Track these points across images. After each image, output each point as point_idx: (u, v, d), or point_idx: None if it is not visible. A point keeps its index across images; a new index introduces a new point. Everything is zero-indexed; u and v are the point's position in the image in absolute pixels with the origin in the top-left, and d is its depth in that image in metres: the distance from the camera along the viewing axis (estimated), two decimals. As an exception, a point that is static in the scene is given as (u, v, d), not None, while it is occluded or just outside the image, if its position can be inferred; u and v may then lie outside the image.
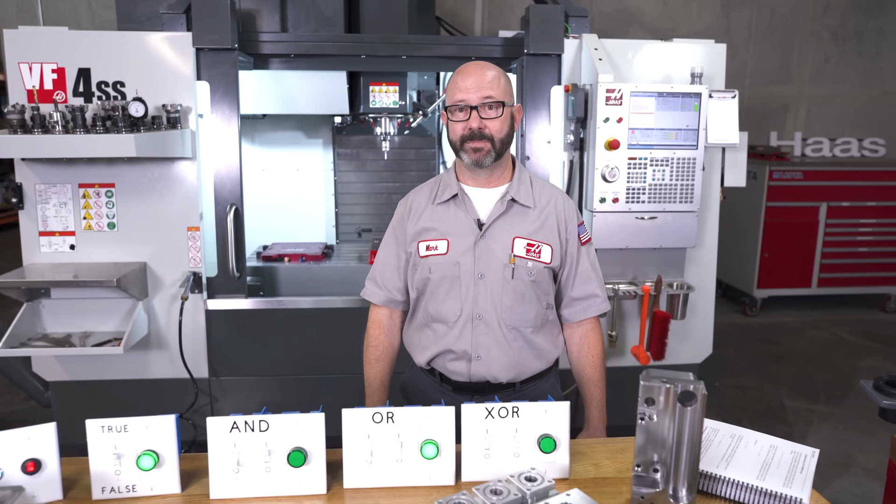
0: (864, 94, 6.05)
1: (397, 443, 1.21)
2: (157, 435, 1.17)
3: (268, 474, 1.18)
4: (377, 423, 1.20)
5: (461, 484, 1.24)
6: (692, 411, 1.06)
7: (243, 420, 1.16)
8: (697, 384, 1.09)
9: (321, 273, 3.18)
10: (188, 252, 2.79)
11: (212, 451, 1.16)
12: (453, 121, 1.63)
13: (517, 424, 1.23)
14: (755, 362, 4.58)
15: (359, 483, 1.22)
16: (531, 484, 1.05)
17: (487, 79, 1.60)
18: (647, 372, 1.14)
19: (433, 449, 1.19)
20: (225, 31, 2.69)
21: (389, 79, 3.28)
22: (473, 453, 1.24)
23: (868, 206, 5.54)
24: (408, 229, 1.73)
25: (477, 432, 1.24)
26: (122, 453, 1.14)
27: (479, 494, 1.02)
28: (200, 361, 2.86)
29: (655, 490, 1.10)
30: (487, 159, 1.61)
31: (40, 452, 1.04)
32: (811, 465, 1.25)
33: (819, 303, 5.80)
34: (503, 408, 1.23)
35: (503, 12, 5.53)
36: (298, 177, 3.88)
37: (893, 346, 4.89)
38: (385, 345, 1.81)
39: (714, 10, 5.71)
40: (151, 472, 1.15)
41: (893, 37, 5.96)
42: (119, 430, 1.14)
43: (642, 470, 1.13)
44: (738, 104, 2.82)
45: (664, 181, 2.77)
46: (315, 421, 1.19)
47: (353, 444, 1.20)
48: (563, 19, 2.86)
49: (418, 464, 1.22)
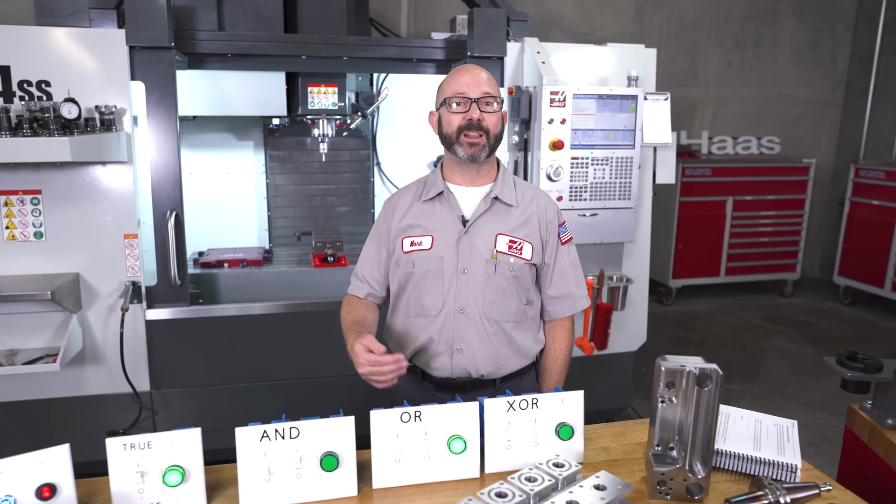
0: (762, 96, 6.56)
1: (424, 440, 1.24)
2: (183, 449, 1.14)
3: (299, 481, 1.17)
4: (405, 423, 1.22)
5: (485, 476, 1.28)
6: (708, 392, 1.15)
7: (273, 428, 1.15)
8: (712, 367, 1.17)
9: (263, 278, 3.10)
10: (126, 261, 2.65)
11: (241, 462, 1.14)
12: (451, 112, 1.65)
13: (536, 415, 1.28)
14: (675, 348, 4.87)
15: (388, 483, 1.24)
16: (560, 469, 1.11)
17: (484, 78, 1.67)
18: (661, 358, 1.21)
19: (461, 444, 1.23)
20: (161, 28, 2.57)
21: (328, 80, 3.24)
22: (496, 445, 1.28)
23: (768, 200, 6.03)
24: (391, 226, 1.76)
25: (499, 425, 1.28)
26: (146, 470, 1.10)
27: (515, 482, 1.06)
28: (141, 374, 2.73)
29: (674, 467, 1.19)
30: (482, 154, 1.66)
31: (55, 476, 0.98)
32: (794, 434, 1.38)
33: (726, 290, 6.25)
34: (524, 400, 1.28)
35: (429, 13, 5.57)
36: (229, 180, 3.76)
37: (793, 327, 5.35)
38: (363, 308, 1.81)
39: (628, 16, 6.00)
40: (178, 487, 1.11)
41: (786, 43, 6.50)
42: (142, 446, 1.09)
43: (662, 449, 1.21)
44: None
45: (604, 179, 2.92)
46: (345, 425, 1.20)
47: (382, 444, 1.22)
48: (504, 23, 2.94)
49: (445, 459, 1.25)
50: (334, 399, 3.02)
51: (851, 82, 6.71)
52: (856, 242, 5.85)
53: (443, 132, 1.70)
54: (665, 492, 1.20)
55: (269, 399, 2.97)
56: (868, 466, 1.39)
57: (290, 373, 3.00)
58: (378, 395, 3.14)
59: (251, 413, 2.93)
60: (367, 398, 3.30)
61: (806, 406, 3.90)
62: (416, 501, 1.20)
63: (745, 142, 6.49)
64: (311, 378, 3.02)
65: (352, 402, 3.27)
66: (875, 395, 1.44)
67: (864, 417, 1.46)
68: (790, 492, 1.13)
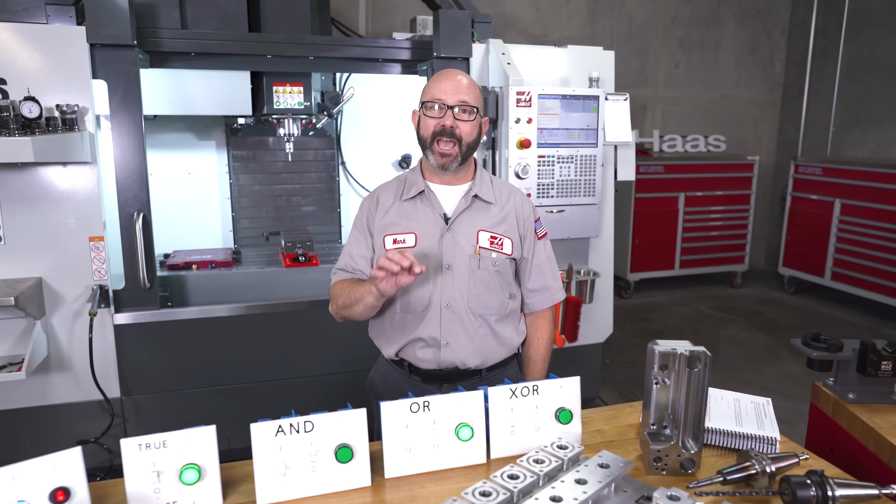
0: (707, 96, 6.83)
1: (433, 429, 1.27)
2: (198, 447, 1.14)
3: (314, 473, 1.18)
4: (414, 413, 1.24)
5: (491, 461, 1.32)
6: (698, 373, 1.22)
7: (288, 423, 1.16)
8: (700, 350, 1.25)
9: (234, 279, 3.07)
10: (91, 264, 2.58)
11: (257, 457, 1.14)
12: (427, 116, 1.68)
13: (537, 401, 1.33)
14: (636, 339, 5.03)
15: (400, 472, 1.27)
16: (564, 451, 1.15)
17: (464, 85, 1.68)
18: (654, 343, 1.28)
19: (469, 431, 1.26)
20: (123, 25, 2.52)
21: (293, 79, 3.23)
22: (501, 431, 1.33)
23: (716, 195, 6.28)
24: (375, 221, 1.77)
25: (503, 411, 1.32)
26: (162, 470, 1.09)
27: (525, 464, 1.10)
28: (111, 380, 2.66)
29: (669, 444, 1.26)
30: (453, 164, 1.69)
31: (68, 480, 0.96)
32: (770, 410, 1.48)
33: (681, 282, 6.48)
34: (525, 387, 1.33)
35: (386, 13, 5.59)
36: (191, 181, 3.69)
37: (744, 317, 5.59)
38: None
39: (581, 18, 6.16)
40: (194, 485, 1.10)
41: (728, 46, 6.79)
42: (157, 446, 1.08)
43: (656, 428, 1.28)
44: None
45: (570, 177, 3.00)
46: (358, 417, 1.22)
47: (393, 434, 1.24)
48: (470, 25, 2.99)
49: (453, 446, 1.29)
50: (310, 399, 3.03)
51: (788, 84, 7.06)
52: (797, 235, 6.16)
53: (419, 134, 1.73)
54: (661, 468, 1.27)
55: (244, 401, 2.94)
56: (833, 438, 1.49)
57: (264, 374, 2.97)
58: (358, 392, 3.17)
59: (225, 416, 2.91)
60: (346, 396, 3.30)
61: (760, 390, 4.08)
62: (428, 488, 1.23)
63: (693, 140, 6.74)
64: (286, 379, 3.01)
65: (330, 400, 3.27)
66: (837, 373, 1.55)
67: (828, 394, 1.57)
68: (774, 461, 1.21)
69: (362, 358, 3.11)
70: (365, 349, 3.09)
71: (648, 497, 1.07)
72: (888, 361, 1.43)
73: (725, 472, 1.19)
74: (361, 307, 1.66)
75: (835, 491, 1.12)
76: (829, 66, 6.53)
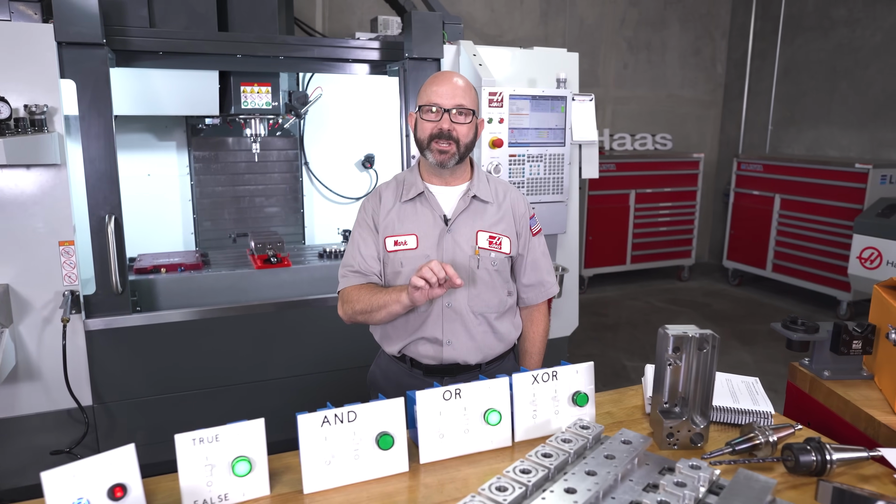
0: (654, 96, 7.10)
1: (464, 415, 1.33)
2: (249, 440, 1.17)
3: (356, 461, 1.23)
4: (447, 401, 1.30)
5: (516, 444, 1.40)
6: (705, 354, 1.32)
7: (333, 413, 1.20)
8: (709, 333, 1.35)
9: (205, 282, 3.03)
10: (61, 269, 2.51)
11: (304, 447, 1.18)
12: (425, 120, 1.72)
13: (556, 386, 1.42)
14: (593, 333, 5.21)
15: (434, 457, 1.33)
16: (587, 431, 1.23)
17: (461, 88, 1.73)
18: (664, 328, 1.38)
19: (497, 416, 1.33)
20: (92, 23, 2.46)
21: (261, 79, 3.21)
22: (524, 416, 1.41)
23: (664, 192, 6.54)
24: (379, 221, 1.80)
25: (526, 397, 1.40)
26: (214, 463, 1.11)
27: (554, 444, 1.17)
28: (83, 388, 2.60)
29: (681, 420, 1.36)
30: (451, 161, 1.74)
31: (124, 476, 0.97)
32: (760, 388, 1.61)
33: (632, 277, 6.72)
34: (545, 373, 1.41)
35: (343, 12, 5.58)
36: (150, 183, 3.61)
37: (693, 308, 5.86)
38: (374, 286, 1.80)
39: (534, 19, 6.30)
40: (245, 477, 1.13)
41: (674, 48, 7.08)
42: (210, 440, 1.10)
43: (669, 406, 1.37)
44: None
45: (539, 175, 3.10)
46: (397, 405, 1.27)
47: (427, 421, 1.30)
48: (441, 26, 3.05)
49: (482, 431, 1.36)
50: (287, 400, 3.03)
51: (729, 84, 7.42)
52: (740, 229, 6.49)
53: (416, 136, 1.77)
54: (673, 442, 1.38)
55: (220, 405, 2.91)
56: (811, 412, 1.64)
57: (240, 377, 2.95)
58: (336, 391, 3.20)
59: (205, 420, 2.87)
60: (324, 395, 3.31)
61: (713, 377, 4.31)
62: (462, 470, 1.30)
63: (641, 139, 7.00)
64: (262, 381, 3.00)
65: (308, 400, 3.27)
66: (813, 353, 1.69)
67: (805, 372, 1.71)
68: (775, 431, 1.34)
69: (338, 357, 3.15)
70: (341, 349, 3.13)
71: (670, 468, 1.17)
72: (858, 340, 1.58)
73: (734, 444, 1.32)
74: (385, 314, 1.69)
75: (832, 455, 1.25)
76: (766, 68, 6.89)
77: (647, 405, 1.58)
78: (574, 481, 1.05)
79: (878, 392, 1.58)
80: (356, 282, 1.80)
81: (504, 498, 0.97)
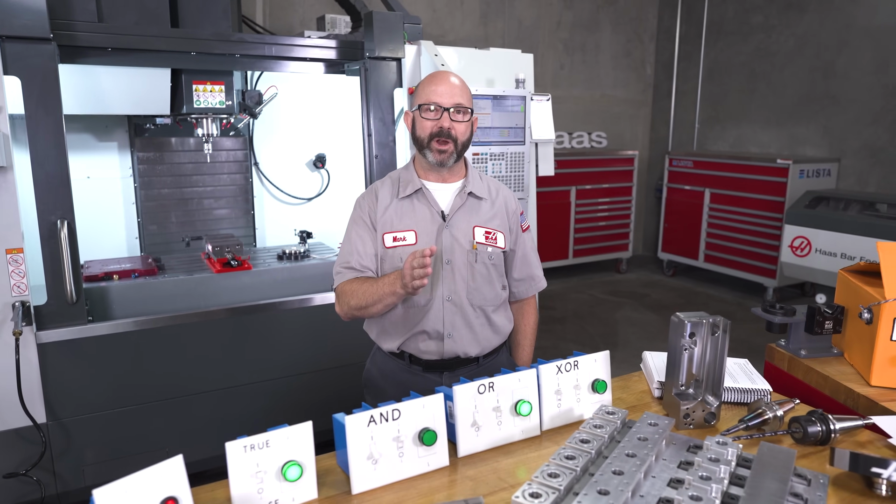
0: (589, 96, 7.34)
1: (496, 408, 1.35)
2: (298, 444, 1.15)
3: (401, 459, 1.22)
4: (481, 395, 1.31)
5: (543, 433, 1.43)
6: (716, 339, 1.40)
7: (378, 413, 1.18)
8: (720, 318, 1.43)
9: (163, 288, 2.90)
10: (9, 279, 2.35)
11: (351, 448, 1.17)
12: (424, 118, 1.74)
13: (577, 375, 1.47)
14: (543, 325, 5.33)
15: (472, 449, 1.34)
16: (614, 416, 1.28)
17: (458, 87, 1.77)
18: (676, 315, 1.45)
19: (528, 406, 1.37)
20: (38, 16, 2.33)
21: (214, 77, 3.11)
22: (550, 405, 1.45)
23: (603, 188, 6.78)
24: (376, 218, 1.80)
25: (551, 388, 1.44)
26: (265, 470, 1.07)
27: (587, 430, 1.21)
28: (35, 404, 2.44)
29: (696, 401, 1.45)
30: (450, 160, 1.77)
31: (174, 489, 0.93)
32: (751, 368, 1.71)
33: (573, 270, 6.92)
34: (568, 363, 1.46)
35: (285, 10, 5.47)
36: (90, 185, 3.43)
37: (633, 299, 6.11)
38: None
39: (474, 20, 6.38)
40: (296, 482, 1.10)
41: (607, 49, 7.33)
42: (261, 446, 1.06)
43: (685, 388, 1.45)
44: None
45: (502, 174, 3.16)
46: (437, 401, 1.28)
47: (464, 415, 1.31)
48: (401, 26, 3.05)
49: (513, 422, 1.39)
50: (256, 406, 2.96)
51: (658, 85, 7.76)
52: (673, 222, 6.81)
53: (415, 135, 1.79)
54: (689, 422, 1.47)
55: (186, 414, 2.81)
56: (791, 390, 1.76)
57: (205, 384, 2.86)
58: (306, 392, 3.14)
59: (166, 431, 2.76)
60: (294, 398, 3.24)
61: (659, 364, 4.52)
62: (501, 461, 1.32)
63: (578, 137, 7.22)
64: (228, 387, 2.91)
65: (279, 405, 3.18)
66: (790, 334, 1.82)
67: (782, 352, 1.85)
68: (780, 406, 1.45)
69: (306, 361, 3.10)
70: (309, 352, 3.08)
71: (698, 445, 1.24)
72: (830, 321, 1.72)
73: (747, 420, 1.42)
74: (381, 307, 1.70)
75: (835, 425, 1.36)
76: (692, 70, 7.25)
77: (653, 389, 1.66)
78: (618, 464, 1.10)
79: (850, 367, 1.72)
80: (351, 277, 1.80)
81: (559, 483, 1.01)
